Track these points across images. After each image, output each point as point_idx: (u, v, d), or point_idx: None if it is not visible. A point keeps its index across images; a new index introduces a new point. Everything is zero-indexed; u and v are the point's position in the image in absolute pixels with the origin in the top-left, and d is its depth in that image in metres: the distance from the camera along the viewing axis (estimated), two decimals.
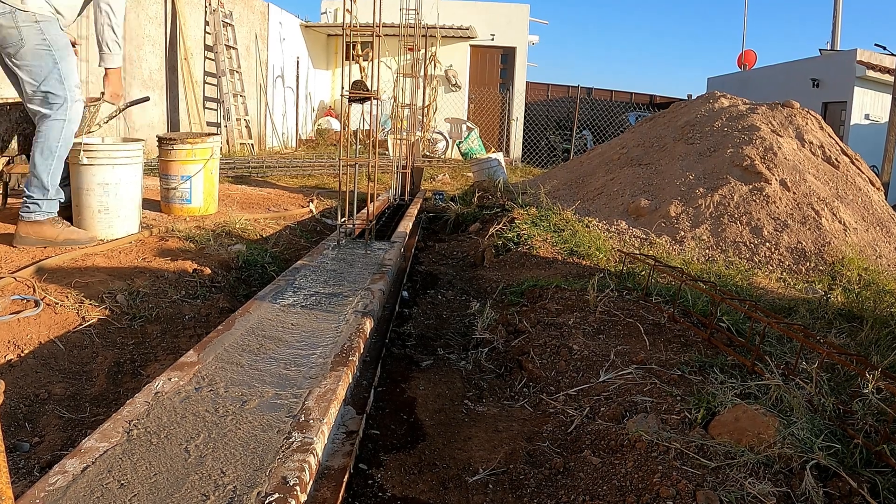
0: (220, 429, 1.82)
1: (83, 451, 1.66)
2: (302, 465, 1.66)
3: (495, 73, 18.18)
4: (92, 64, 8.40)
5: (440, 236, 7.00)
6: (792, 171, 6.44)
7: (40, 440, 2.32)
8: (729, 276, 4.91)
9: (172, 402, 1.94)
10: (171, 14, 10.56)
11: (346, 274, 3.59)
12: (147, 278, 3.65)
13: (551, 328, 3.40)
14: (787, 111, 7.49)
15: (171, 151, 5.20)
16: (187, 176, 5.23)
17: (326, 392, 2.06)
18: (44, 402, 2.52)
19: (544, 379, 2.93)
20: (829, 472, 2.01)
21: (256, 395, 2.04)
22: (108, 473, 1.58)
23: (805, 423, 2.18)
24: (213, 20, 11.74)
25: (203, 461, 1.66)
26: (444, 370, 3.16)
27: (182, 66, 10.94)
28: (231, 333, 2.53)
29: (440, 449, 2.42)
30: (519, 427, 2.57)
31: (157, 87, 10.30)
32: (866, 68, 16.16)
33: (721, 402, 2.36)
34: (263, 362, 2.30)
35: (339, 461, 2.01)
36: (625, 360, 2.95)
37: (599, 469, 2.10)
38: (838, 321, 3.96)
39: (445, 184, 11.62)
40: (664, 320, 3.53)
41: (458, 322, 3.93)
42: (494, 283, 4.58)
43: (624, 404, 2.49)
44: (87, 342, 2.96)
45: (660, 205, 6.37)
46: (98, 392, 2.68)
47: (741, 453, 2.05)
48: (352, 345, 2.49)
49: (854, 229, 6.00)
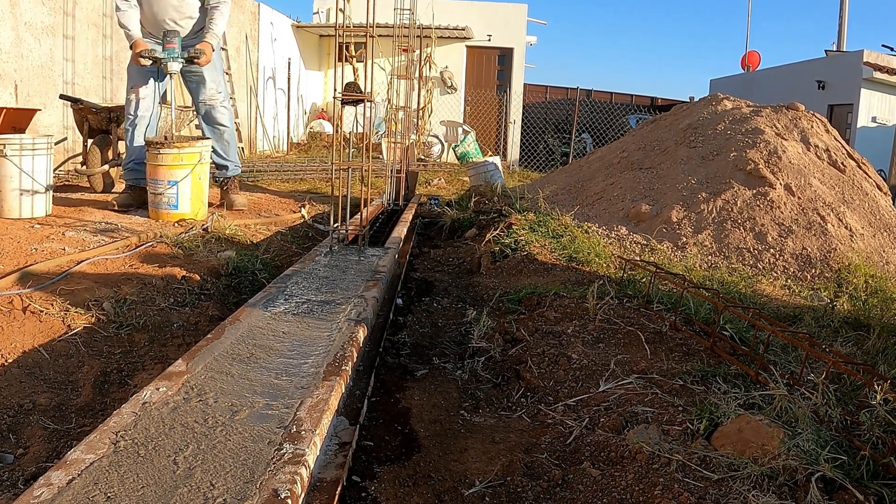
0: (210, 440, 1.82)
1: (69, 463, 1.66)
2: (293, 478, 1.66)
3: (492, 74, 18.21)
4: (77, 64, 8.42)
5: (436, 242, 7.00)
6: (797, 176, 6.46)
7: (25, 451, 2.31)
8: (732, 283, 4.92)
9: (160, 413, 1.94)
10: None
11: (339, 281, 3.59)
12: (134, 285, 3.65)
13: (550, 337, 3.41)
14: (792, 114, 7.51)
15: (158, 156, 5.20)
16: (174, 181, 5.23)
17: (319, 402, 2.06)
18: (28, 413, 2.51)
19: (542, 389, 2.94)
20: (836, 484, 2.01)
21: (247, 405, 2.04)
22: (94, 486, 1.58)
23: (810, 434, 2.19)
24: None
25: (192, 473, 1.67)
26: (440, 380, 3.16)
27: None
28: (221, 342, 2.53)
29: (435, 461, 2.42)
30: (516, 438, 2.57)
31: None
32: (873, 70, 16.22)
33: (724, 413, 2.37)
34: (254, 372, 2.30)
35: (331, 473, 2.02)
36: (625, 369, 2.95)
37: (599, 481, 2.11)
38: (844, 329, 3.97)
39: (441, 188, 11.64)
40: (666, 328, 3.54)
41: (453, 330, 3.93)
42: (491, 290, 4.59)
43: (624, 415, 2.50)
44: (73, 351, 2.96)
45: (661, 210, 6.39)
46: (84, 402, 2.68)
47: (745, 465, 2.06)
48: (345, 354, 2.49)
49: (861, 235, 6.02)
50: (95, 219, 5.13)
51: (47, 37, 7.90)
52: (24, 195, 4.90)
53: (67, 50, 8.28)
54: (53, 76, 8.06)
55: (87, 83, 8.69)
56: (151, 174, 5.28)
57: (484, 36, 17.49)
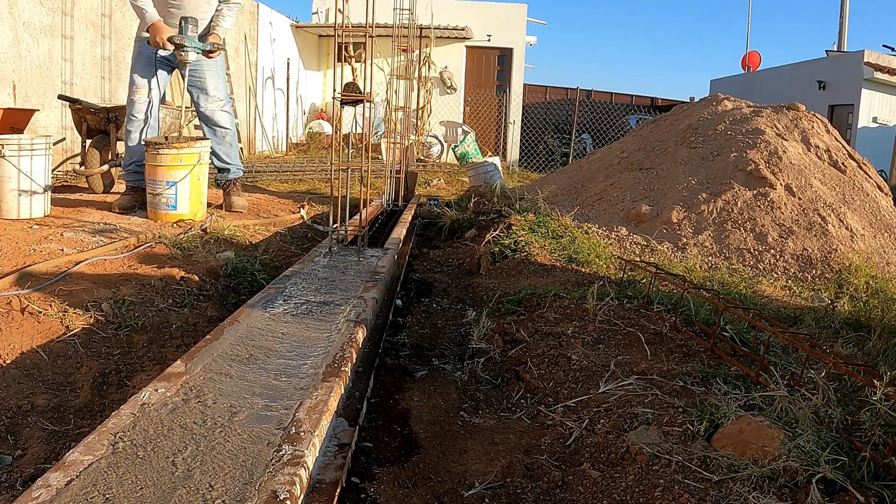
0: (209, 441, 1.82)
1: (67, 465, 1.66)
2: (293, 479, 1.66)
3: (492, 74, 18.22)
4: (76, 64, 8.42)
5: (435, 243, 7.01)
6: (797, 176, 6.47)
7: (23, 453, 2.32)
8: (732, 283, 4.92)
9: (159, 414, 1.95)
10: None
11: (339, 282, 3.59)
12: (133, 286, 3.65)
13: (549, 338, 3.41)
14: (793, 114, 7.52)
15: (156, 156, 5.21)
16: (173, 181, 5.23)
17: (318, 404, 2.06)
18: (26, 414, 2.52)
19: (542, 390, 2.94)
20: (836, 485, 2.01)
21: (246, 406, 2.04)
22: (92, 487, 1.59)
23: (811, 435, 2.19)
24: None
25: (191, 475, 1.67)
26: (439, 381, 3.17)
27: None
28: (220, 343, 2.53)
29: (435, 462, 2.42)
30: (516, 439, 2.58)
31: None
32: (874, 70, 16.24)
33: (724, 414, 2.37)
34: (253, 373, 2.30)
35: (330, 474, 2.02)
36: (625, 370, 2.96)
37: (599, 483, 2.11)
38: (845, 330, 3.98)
39: (440, 189, 11.63)
40: (666, 329, 3.54)
41: (453, 331, 3.93)
42: (491, 291, 4.59)
43: (624, 416, 2.50)
44: (72, 352, 2.96)
45: (661, 210, 6.40)
46: (82, 403, 2.68)
47: (745, 466, 2.06)
48: (344, 355, 2.49)
49: (861, 236, 6.03)
50: (94, 219, 5.13)
51: (46, 37, 7.90)
52: (23, 196, 4.90)
53: (66, 50, 8.29)
54: (52, 76, 8.07)
55: (85, 83, 8.70)
56: (150, 175, 5.29)
57: (483, 36, 17.49)
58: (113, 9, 9.21)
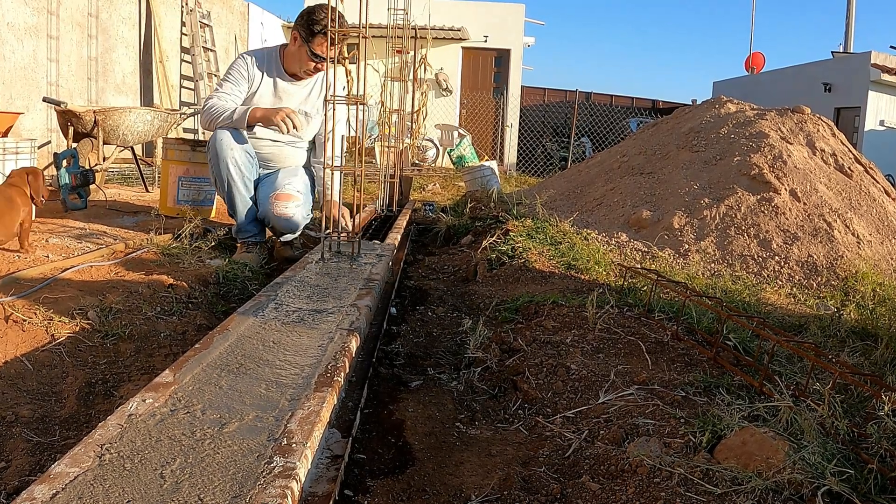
0: (198, 453, 1.82)
1: (52, 477, 1.66)
2: (284, 492, 1.66)
3: (488, 76, 18.26)
4: (62, 66, 8.42)
5: (430, 249, 7.01)
6: (802, 181, 6.49)
7: (7, 465, 2.31)
8: (736, 291, 4.93)
9: (147, 425, 1.95)
10: (145, 14, 10.59)
11: (331, 289, 3.60)
12: (120, 293, 3.65)
13: (548, 347, 3.42)
14: (798, 117, 7.55)
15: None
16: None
17: (310, 414, 2.06)
18: (10, 425, 2.51)
19: (540, 400, 2.94)
20: (842, 498, 2.02)
21: (236, 417, 2.04)
22: (78, 500, 1.59)
23: (816, 447, 2.20)
24: (189, 21, 11.76)
25: (179, 487, 1.67)
26: (435, 391, 3.17)
27: (157, 70, 10.96)
28: (209, 352, 2.53)
29: (430, 474, 2.42)
30: (513, 451, 2.58)
31: (130, 91, 10.31)
32: (881, 72, 16.31)
33: (727, 425, 2.38)
34: (243, 383, 2.30)
35: (323, 487, 2.02)
36: (625, 380, 2.96)
37: (599, 496, 2.11)
38: (852, 339, 3.98)
39: (436, 194, 11.65)
40: (667, 338, 3.55)
41: (449, 340, 3.94)
42: (488, 298, 4.59)
43: (625, 427, 2.51)
44: (57, 361, 2.96)
45: (662, 216, 6.41)
46: (68, 414, 2.68)
47: (749, 479, 2.06)
48: (337, 364, 2.50)
49: (868, 242, 6.05)
50: (79, 225, 5.13)
51: (30, 38, 7.90)
52: None
53: (51, 51, 8.30)
54: (37, 78, 8.07)
55: (71, 85, 8.70)
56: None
57: (480, 37, 17.53)
58: (100, 8, 9.21)
